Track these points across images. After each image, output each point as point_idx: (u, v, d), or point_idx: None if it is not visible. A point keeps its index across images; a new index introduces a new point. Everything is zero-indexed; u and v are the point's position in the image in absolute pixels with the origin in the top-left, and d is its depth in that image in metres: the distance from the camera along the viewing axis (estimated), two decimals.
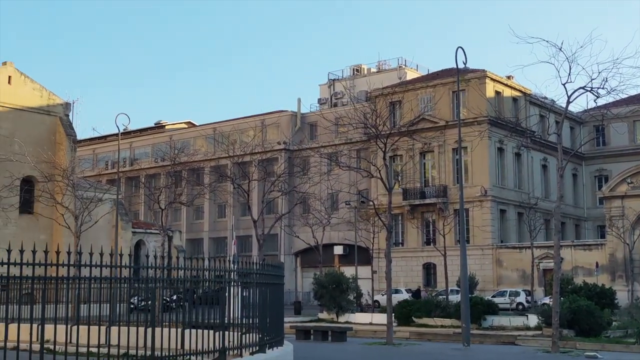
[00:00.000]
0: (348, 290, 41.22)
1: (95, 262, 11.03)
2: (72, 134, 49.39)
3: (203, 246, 73.60)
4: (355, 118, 30.94)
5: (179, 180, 51.15)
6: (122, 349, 12.09)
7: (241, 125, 70.75)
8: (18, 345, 10.03)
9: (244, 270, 14.02)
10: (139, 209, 75.69)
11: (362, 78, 74.25)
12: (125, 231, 50.96)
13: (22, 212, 45.30)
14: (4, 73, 46.92)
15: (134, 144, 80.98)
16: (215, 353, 12.88)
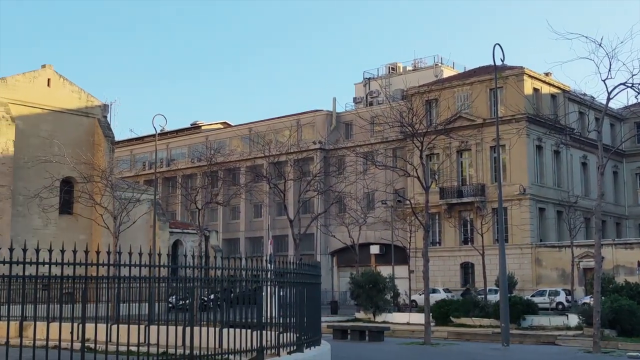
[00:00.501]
0: (385, 290, 41.03)
1: (134, 261, 11.10)
2: (110, 135, 49.98)
3: (239, 246, 73.94)
4: (391, 116, 30.78)
5: (215, 180, 51.40)
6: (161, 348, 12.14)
7: (276, 125, 70.92)
8: (60, 344, 10.11)
9: (281, 270, 14.00)
10: (176, 209, 76.32)
11: (398, 76, 73.88)
12: (162, 231, 51.40)
13: (62, 212, 45.96)
14: (43, 76, 47.63)
15: (170, 145, 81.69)
16: (252, 352, 12.88)
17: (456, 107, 57.92)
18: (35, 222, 44.42)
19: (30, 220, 44.26)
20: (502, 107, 55.72)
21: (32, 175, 43.05)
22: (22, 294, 9.70)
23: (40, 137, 45.79)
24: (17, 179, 43.97)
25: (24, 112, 45.81)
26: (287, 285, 14.15)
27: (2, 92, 45.07)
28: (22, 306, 9.67)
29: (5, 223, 42.71)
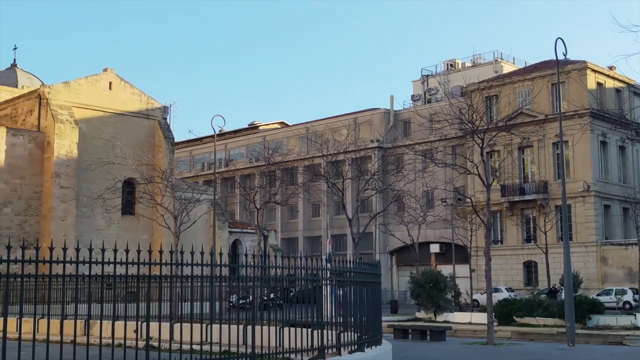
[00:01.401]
0: (446, 289, 40.50)
1: (196, 261, 11.14)
2: (170, 136, 50.69)
3: (298, 245, 74.16)
4: (450, 114, 30.28)
5: (273, 180, 51.64)
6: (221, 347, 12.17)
7: (334, 124, 70.88)
8: (125, 342, 10.20)
9: (340, 269, 13.90)
10: (235, 209, 77.02)
11: (457, 73, 73.03)
12: (222, 231, 51.88)
13: (124, 213, 46.81)
14: (105, 79, 48.59)
15: (229, 145, 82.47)
16: (314, 351, 12.81)
17: (517, 103, 56.93)
18: (98, 222, 45.35)
19: (94, 220, 45.20)
20: (564, 102, 54.53)
21: (96, 177, 43.96)
22: (89, 293, 9.84)
23: (102, 140, 46.72)
24: (81, 180, 44.95)
25: (87, 116, 46.80)
26: (346, 284, 14.06)
27: (65, 96, 46.14)
28: (89, 305, 9.82)
29: (70, 224, 43.72)
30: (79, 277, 9.66)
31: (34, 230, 43.45)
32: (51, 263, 9.27)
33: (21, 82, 55.39)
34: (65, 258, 9.40)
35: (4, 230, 41.93)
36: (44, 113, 45.40)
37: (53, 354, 9.29)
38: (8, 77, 56.10)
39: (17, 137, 44.12)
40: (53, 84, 46.64)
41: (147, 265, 10.36)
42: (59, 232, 42.21)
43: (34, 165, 44.34)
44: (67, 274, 9.46)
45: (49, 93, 45.61)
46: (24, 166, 44.00)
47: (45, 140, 44.75)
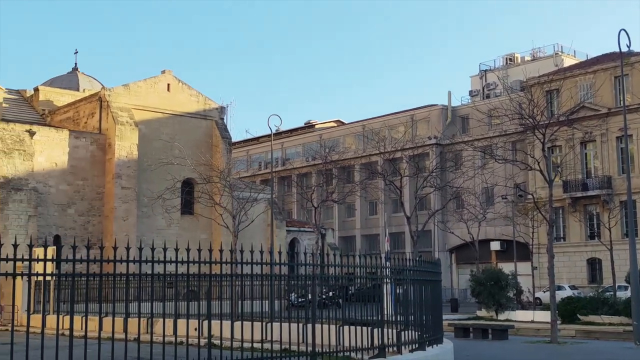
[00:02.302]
0: (507, 287, 39.80)
1: (256, 259, 11.16)
2: (227, 136, 51.14)
3: (355, 244, 74.03)
4: (510, 108, 29.78)
5: (330, 178, 51.61)
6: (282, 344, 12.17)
7: (391, 122, 70.51)
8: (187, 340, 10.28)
9: (399, 267, 13.77)
10: (292, 207, 77.32)
11: (516, 67, 71.84)
12: (279, 230, 52.11)
13: (183, 213, 47.42)
14: (163, 81, 49.30)
15: (285, 144, 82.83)
16: (374, 350, 12.72)
17: (579, 97, 55.61)
18: (159, 222, 46.04)
19: (155, 220, 45.91)
20: (628, 95, 53.07)
21: (155, 178, 44.64)
22: (151, 291, 9.95)
23: (161, 141, 47.39)
24: (142, 181, 45.70)
25: (146, 117, 47.56)
26: (406, 282, 13.92)
27: (125, 98, 46.97)
28: (151, 303, 9.92)
29: (131, 224, 44.51)
30: (141, 276, 9.77)
31: (97, 230, 44.38)
32: (115, 262, 9.39)
33: (82, 85, 56.63)
34: (128, 257, 9.51)
35: (69, 230, 42.95)
36: (105, 115, 46.30)
37: (117, 352, 9.41)
38: (70, 81, 57.44)
39: (80, 140, 45.12)
40: (113, 87, 47.53)
41: (208, 264, 10.43)
42: (121, 232, 43.02)
43: (95, 167, 45.28)
44: (130, 273, 9.59)
45: (109, 96, 46.50)
46: (87, 168, 44.96)
47: (106, 142, 45.65)
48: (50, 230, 42.24)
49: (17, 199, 39.77)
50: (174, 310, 10.61)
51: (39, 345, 8.94)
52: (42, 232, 41.09)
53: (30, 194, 40.51)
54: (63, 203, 43.65)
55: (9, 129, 41.70)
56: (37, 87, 52.94)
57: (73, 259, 9.10)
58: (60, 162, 43.85)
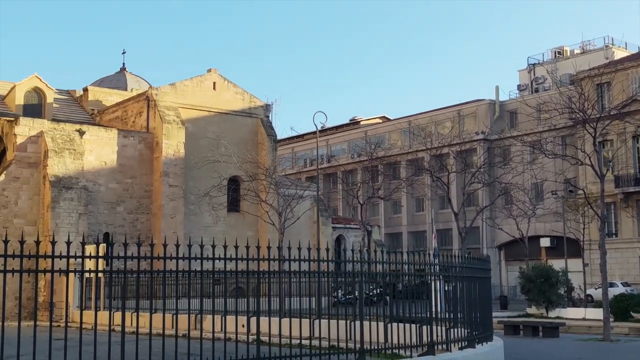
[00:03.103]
0: (558, 284, 39.14)
1: (303, 256, 11.13)
2: (272, 134, 51.29)
3: (402, 240, 73.64)
4: (560, 103, 29.25)
5: (375, 175, 51.40)
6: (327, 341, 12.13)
7: (437, 117, 69.91)
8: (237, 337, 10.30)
9: (447, 264, 13.66)
10: (338, 204, 77.27)
11: (565, 60, 70.52)
12: (325, 227, 52.07)
13: (230, 210, 47.72)
14: (209, 80, 49.66)
15: (330, 141, 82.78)
16: (423, 347, 12.62)
17: (631, 90, 54.33)
18: (205, 219, 46.42)
19: (201, 218, 46.30)
20: None
21: (202, 175, 45.01)
22: (201, 288, 10.00)
23: (208, 139, 47.74)
24: (189, 179, 46.13)
25: (192, 116, 47.96)
26: (454, 279, 13.80)
27: (172, 97, 47.45)
28: (201, 300, 9.96)
29: (179, 221, 44.96)
30: (191, 272, 9.82)
31: (145, 228, 44.93)
32: (165, 259, 9.45)
33: (130, 85, 57.40)
34: (178, 255, 9.56)
35: (118, 228, 43.59)
36: (152, 114, 46.82)
37: (168, 348, 9.48)
38: (118, 80, 58.28)
39: (128, 139, 45.72)
40: (160, 86, 48.03)
41: (256, 261, 10.44)
42: (169, 229, 43.47)
43: (143, 165, 45.83)
44: (179, 270, 9.65)
45: (156, 95, 47.02)
46: (135, 166, 45.54)
47: (154, 140, 46.17)
48: (100, 227, 42.93)
49: (67, 197, 40.48)
50: (222, 307, 10.64)
51: (91, 341, 9.04)
52: (92, 230, 41.79)
53: (81, 193, 41.19)
54: (112, 201, 44.30)
55: (59, 128, 42.48)
56: (86, 88, 53.83)
57: (124, 256, 9.18)
58: (109, 161, 44.51)
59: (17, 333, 8.49)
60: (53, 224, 39.33)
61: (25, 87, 48.40)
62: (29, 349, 8.59)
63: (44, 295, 36.48)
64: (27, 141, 41.35)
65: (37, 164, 41.29)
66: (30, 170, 41.13)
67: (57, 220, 39.62)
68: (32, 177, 41.09)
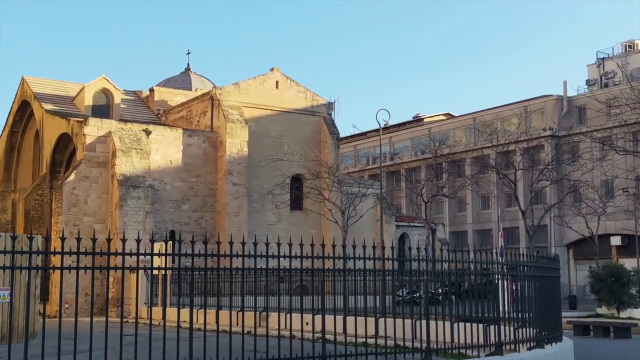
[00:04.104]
0: (629, 284, 38.03)
1: (368, 254, 11.06)
2: (335, 132, 51.32)
3: (467, 239, 72.75)
4: (631, 97, 28.43)
5: (440, 172, 50.89)
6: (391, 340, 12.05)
7: (503, 113, 68.80)
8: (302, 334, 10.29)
9: (514, 263, 13.44)
10: (401, 202, 76.82)
11: (636, 54, 68.45)
12: (389, 225, 51.84)
13: (293, 208, 47.95)
14: (272, 79, 50.02)
15: (393, 139, 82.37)
16: (490, 347, 12.45)
17: None
18: (269, 217, 46.78)
19: (265, 216, 46.67)
20: None
21: (265, 174, 45.35)
22: (266, 285, 10.04)
23: (270, 137, 48.08)
24: (252, 177, 46.54)
25: (255, 114, 48.38)
26: (522, 278, 13.56)
27: (235, 96, 47.96)
28: (266, 297, 10.01)
29: (242, 219, 45.42)
30: (256, 270, 9.87)
31: (210, 226, 45.54)
32: (231, 257, 9.51)
33: (194, 85, 58.27)
34: (244, 252, 9.62)
35: (183, 225, 44.28)
36: (216, 114, 47.43)
37: (234, 344, 9.54)
38: (183, 81, 59.23)
39: (192, 138, 46.41)
40: (224, 86, 48.59)
41: (321, 259, 10.43)
42: (233, 227, 43.96)
43: (208, 164, 46.45)
44: (245, 267, 9.70)
45: (220, 94, 47.60)
46: (199, 165, 46.20)
47: (217, 139, 46.74)
48: (166, 225, 43.70)
49: (135, 195, 41.34)
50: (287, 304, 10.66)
51: (160, 336, 9.16)
52: (158, 228, 42.57)
53: (147, 191, 42.01)
54: (178, 199, 45.04)
55: (126, 128, 43.41)
56: (152, 88, 54.91)
57: (192, 253, 9.28)
58: (175, 160, 45.25)
59: (89, 329, 8.66)
60: (121, 222, 40.22)
61: (93, 88, 49.68)
62: (99, 344, 8.74)
63: (112, 291, 37.33)
64: (95, 141, 42.38)
65: (106, 163, 42.29)
66: (99, 169, 42.14)
67: (124, 218, 40.49)
68: (100, 176, 42.10)
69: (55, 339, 8.50)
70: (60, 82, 53.26)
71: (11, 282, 8.57)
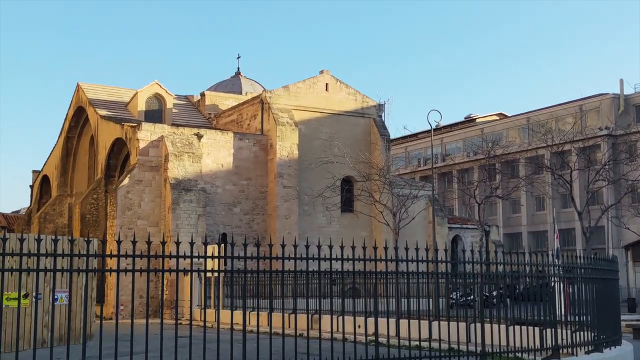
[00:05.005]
0: None
1: (420, 257, 10.97)
2: (385, 133, 51.10)
3: (521, 240, 71.71)
4: None
5: (493, 173, 50.21)
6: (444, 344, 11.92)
7: (557, 113, 67.68)
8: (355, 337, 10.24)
9: (571, 265, 13.18)
10: (453, 204, 76.11)
11: None
12: (441, 227, 51.40)
13: (343, 210, 47.92)
14: (321, 81, 50.08)
15: (444, 140, 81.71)
16: (547, 351, 12.25)
17: None
18: (319, 220, 46.82)
19: (315, 218, 46.73)
20: None
21: (315, 176, 45.42)
22: (319, 288, 10.04)
23: (320, 140, 48.14)
24: (302, 180, 46.65)
25: (305, 117, 48.51)
26: (579, 281, 13.30)
27: (285, 99, 48.17)
28: (319, 300, 10.01)
29: (293, 222, 45.56)
30: (308, 273, 9.86)
31: (261, 228, 45.81)
32: (283, 259, 9.53)
33: (245, 89, 58.74)
34: (295, 255, 9.63)
35: (234, 228, 44.62)
36: (266, 117, 47.71)
37: (287, 347, 9.55)
38: (233, 85, 59.78)
39: (243, 141, 46.77)
40: (273, 89, 48.83)
41: (373, 261, 10.37)
42: (284, 229, 44.14)
43: (258, 167, 46.75)
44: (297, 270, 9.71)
45: (270, 98, 47.86)
46: (250, 168, 46.52)
47: (268, 142, 47.01)
48: (217, 228, 44.11)
49: (187, 199, 41.85)
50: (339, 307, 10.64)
51: (214, 338, 9.22)
52: (210, 230, 43.00)
53: (199, 194, 42.48)
54: (229, 202, 45.43)
55: (179, 133, 43.97)
56: (203, 92, 55.55)
57: (244, 256, 9.32)
58: (226, 163, 45.66)
59: (144, 330, 8.76)
60: (174, 224, 40.74)
61: (146, 93, 50.50)
62: (155, 346, 8.84)
63: (166, 294, 37.83)
64: (148, 145, 43.04)
65: (159, 167, 42.90)
66: (152, 173, 42.78)
67: (177, 221, 41.02)
68: (153, 180, 42.74)
69: (112, 341, 8.62)
70: (113, 88, 54.31)
71: (69, 284, 8.72)
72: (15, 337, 8.76)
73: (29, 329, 18.60)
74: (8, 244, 8.53)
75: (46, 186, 58.29)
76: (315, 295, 12.05)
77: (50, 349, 8.27)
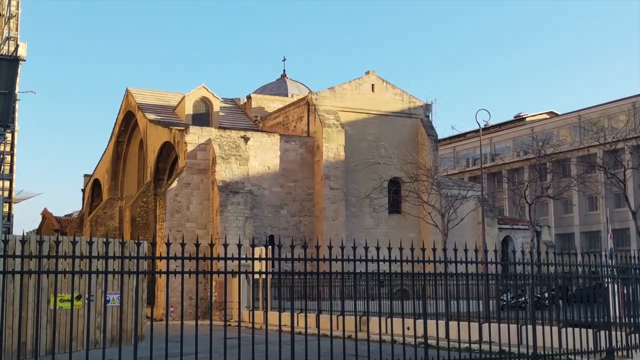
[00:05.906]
0: None
1: (470, 258, 10.83)
2: (433, 134, 50.69)
3: (574, 241, 70.41)
4: None
5: (543, 173, 49.38)
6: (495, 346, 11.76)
7: (610, 110, 66.28)
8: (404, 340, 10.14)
9: (626, 266, 12.86)
10: (503, 204, 75.15)
11: None
12: (491, 227, 50.77)
13: (391, 212, 47.67)
14: (367, 82, 49.92)
15: (494, 139, 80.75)
16: (601, 353, 11.98)
17: None
18: (367, 221, 46.66)
19: (363, 220, 46.59)
20: None
21: (362, 178, 45.29)
22: (366, 289, 9.98)
23: (367, 141, 47.96)
24: (349, 181, 46.56)
25: (351, 118, 48.41)
26: (633, 282, 12.97)
27: (331, 101, 48.15)
28: (367, 302, 9.95)
29: (340, 223, 45.50)
30: (356, 274, 9.81)
31: (308, 230, 45.86)
32: (331, 261, 9.50)
33: (290, 91, 58.93)
34: (343, 256, 9.58)
35: (282, 230, 44.76)
36: (312, 119, 47.75)
37: (335, 348, 9.50)
38: (279, 87, 60.04)
39: (290, 143, 46.91)
40: (319, 91, 48.85)
41: (421, 262, 10.27)
42: (331, 231, 44.11)
43: (305, 169, 46.82)
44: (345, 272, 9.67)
45: (316, 99, 47.89)
46: (297, 170, 46.62)
47: (314, 144, 47.06)
48: (265, 230, 44.31)
49: (234, 201, 42.14)
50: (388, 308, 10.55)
51: (262, 340, 9.24)
52: (258, 232, 43.22)
53: (247, 197, 42.74)
54: (276, 204, 45.60)
55: (225, 135, 44.32)
56: (250, 95, 55.91)
57: (292, 257, 9.32)
58: (273, 166, 45.85)
59: (194, 332, 8.82)
60: (222, 227, 41.07)
61: (193, 97, 51.07)
62: (204, 347, 8.90)
63: (215, 295, 38.14)
64: (196, 149, 43.48)
65: (206, 170, 43.31)
66: (200, 176, 43.20)
67: (225, 223, 41.33)
68: (201, 183, 43.15)
69: (162, 342, 8.71)
70: (161, 92, 55.05)
71: (120, 286, 8.83)
72: (69, 338, 8.91)
73: (81, 330, 18.93)
74: (61, 247, 8.69)
75: (97, 190, 59.42)
76: (363, 297, 11.94)
77: (102, 350, 8.39)
